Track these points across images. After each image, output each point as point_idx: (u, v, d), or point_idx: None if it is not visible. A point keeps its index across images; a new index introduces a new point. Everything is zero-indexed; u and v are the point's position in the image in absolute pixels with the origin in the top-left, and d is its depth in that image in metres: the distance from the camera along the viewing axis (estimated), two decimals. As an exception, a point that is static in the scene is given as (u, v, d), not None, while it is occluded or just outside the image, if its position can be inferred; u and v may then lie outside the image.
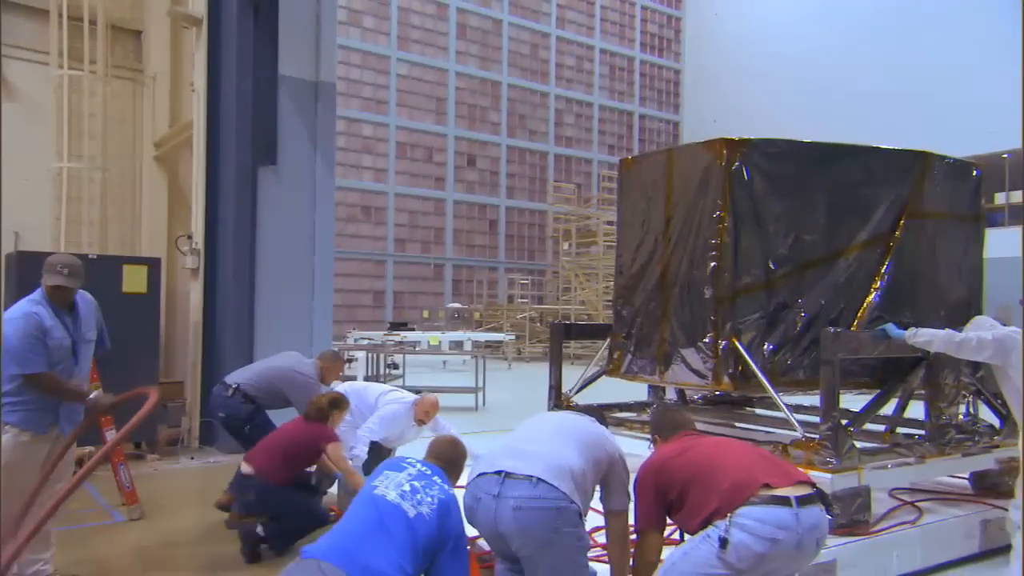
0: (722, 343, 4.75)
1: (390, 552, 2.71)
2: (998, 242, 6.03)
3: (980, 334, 4.24)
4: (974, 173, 5.70)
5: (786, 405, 4.69)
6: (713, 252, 4.81)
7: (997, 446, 5.12)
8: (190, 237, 8.18)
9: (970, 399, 5.31)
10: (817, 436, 4.40)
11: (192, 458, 7.41)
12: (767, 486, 2.79)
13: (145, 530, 5.14)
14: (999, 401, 5.04)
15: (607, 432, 3.45)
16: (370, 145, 30.73)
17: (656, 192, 5.36)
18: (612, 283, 25.56)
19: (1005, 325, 4.51)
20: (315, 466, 4.89)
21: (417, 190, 31.76)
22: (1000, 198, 24.65)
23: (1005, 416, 5.16)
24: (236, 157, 7.80)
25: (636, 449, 5.25)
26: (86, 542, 4.83)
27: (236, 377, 5.51)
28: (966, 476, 5.33)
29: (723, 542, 2.76)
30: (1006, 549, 4.60)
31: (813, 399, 5.16)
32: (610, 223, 27.03)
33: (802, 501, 2.78)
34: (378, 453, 5.32)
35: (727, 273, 4.77)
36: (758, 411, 6.42)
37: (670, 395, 6.69)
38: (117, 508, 5.47)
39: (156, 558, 4.66)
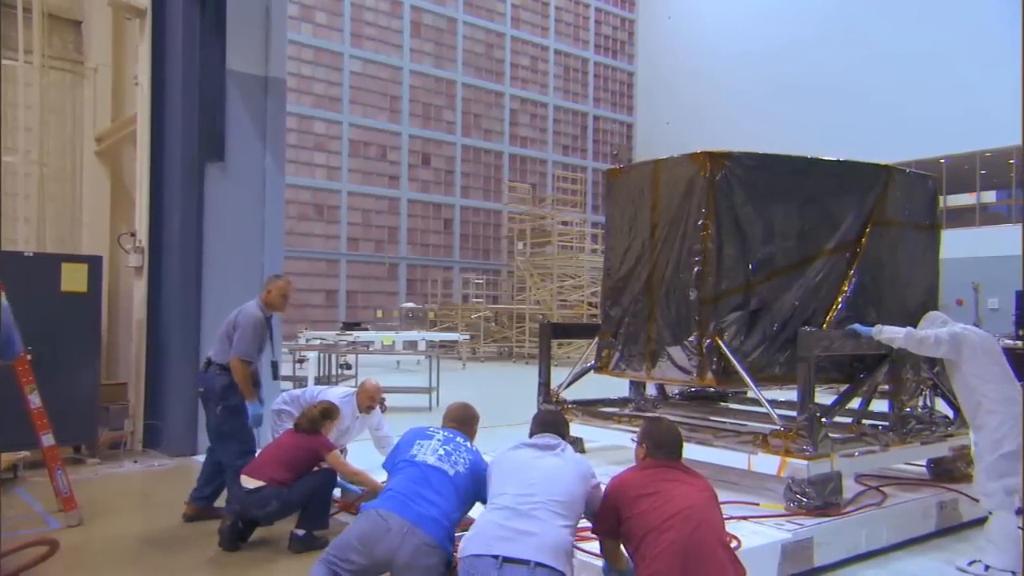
0: (706, 341, 5.10)
1: (437, 501, 3.44)
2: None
3: (937, 332, 4.67)
4: (930, 184, 6.17)
5: (765, 399, 5.09)
6: (697, 257, 5.18)
7: (951, 435, 5.63)
8: (133, 235, 7.95)
9: (928, 393, 5.72)
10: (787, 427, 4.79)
11: (136, 461, 7.19)
12: None
13: (83, 537, 4.96)
14: (953, 394, 5.37)
15: (582, 469, 3.42)
16: (322, 142, 30.34)
17: (643, 200, 5.72)
18: (566, 283, 25.71)
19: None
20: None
21: (370, 188, 31.46)
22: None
23: (958, 408, 5.47)
24: (182, 153, 7.60)
25: (619, 440, 5.76)
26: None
27: (210, 351, 5.48)
28: (923, 464, 5.81)
29: None
30: (959, 528, 5.22)
31: (783, 394, 5.56)
32: (564, 223, 27.23)
33: None
34: None
35: (710, 276, 5.13)
36: (731, 405, 6.87)
37: (651, 391, 7.00)
38: (53, 515, 5.27)
39: (93, 565, 4.51)
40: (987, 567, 4.26)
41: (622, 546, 3.32)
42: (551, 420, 3.84)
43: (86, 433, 7.05)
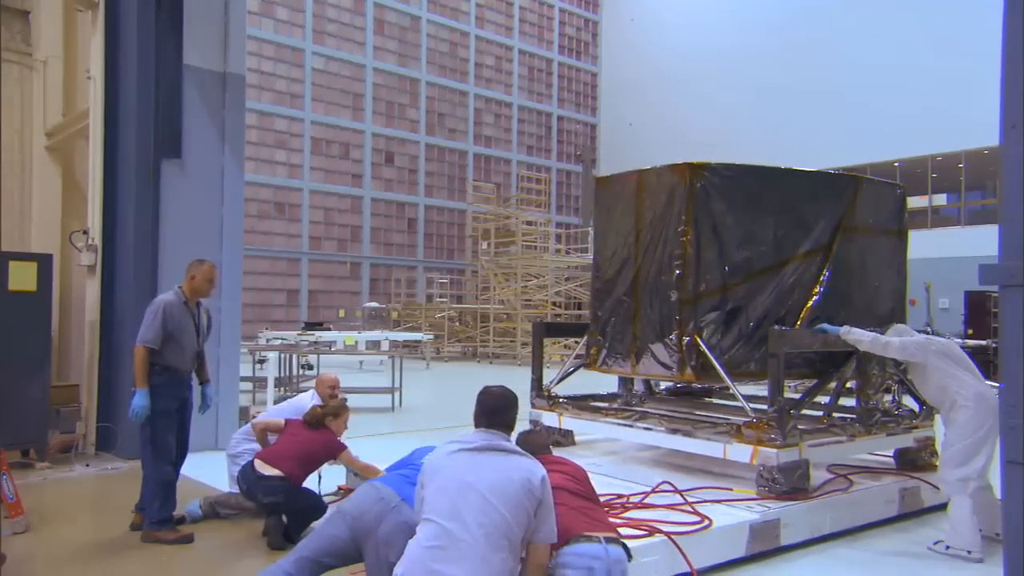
0: (686, 339, 5.49)
1: None
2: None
3: (903, 339, 5.12)
4: (898, 192, 6.59)
5: (739, 393, 5.52)
6: (678, 261, 5.55)
7: (916, 427, 6.05)
8: (86, 232, 7.73)
9: (895, 388, 6.15)
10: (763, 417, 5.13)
11: (88, 465, 7.00)
12: (581, 535, 3.28)
13: (30, 544, 4.81)
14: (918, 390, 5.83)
15: (527, 478, 3.03)
16: (284, 140, 29.91)
17: (628, 208, 6.08)
18: (530, 283, 25.77)
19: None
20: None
21: (333, 187, 31.12)
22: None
23: (924, 402, 5.97)
24: (137, 149, 7.43)
25: (613, 434, 6.27)
26: (-37, 559, 4.47)
27: None
28: (890, 454, 6.24)
29: None
30: (920, 513, 5.62)
31: (762, 389, 5.76)
32: (529, 223, 27.28)
33: (608, 539, 3.28)
34: None
35: (690, 279, 5.50)
36: (714, 400, 7.32)
37: (638, 387, 7.30)
38: (-1, 522, 5.09)
39: (38, 574, 4.37)
40: (947, 547, 4.71)
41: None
42: (496, 408, 3.25)
43: (35, 436, 6.83)
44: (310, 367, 14.35)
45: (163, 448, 4.91)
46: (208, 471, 6.23)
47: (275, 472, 4.74)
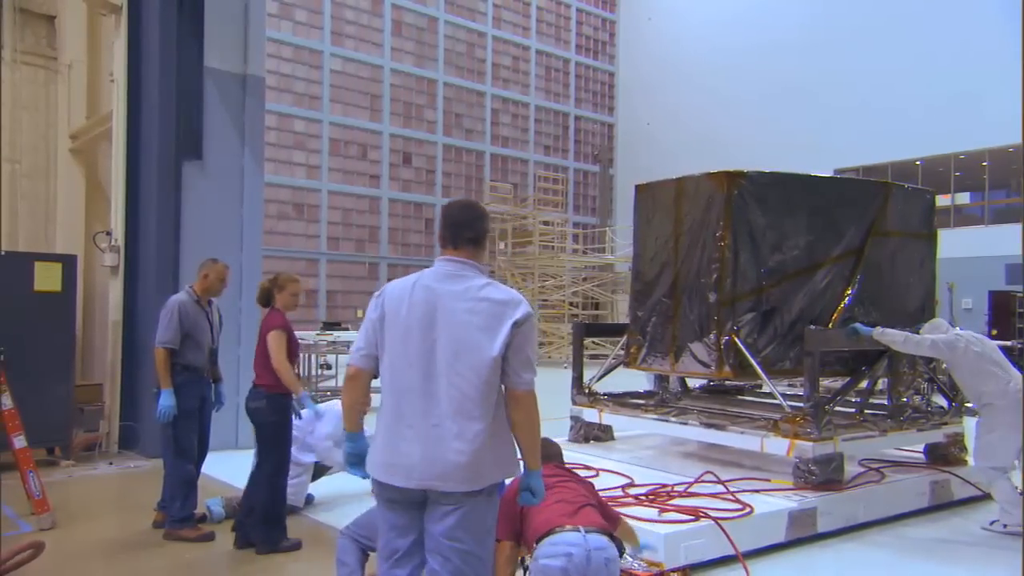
0: (724, 339, 5.72)
1: None
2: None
3: (933, 337, 5.37)
4: (927, 197, 6.83)
5: (776, 390, 5.77)
6: (716, 264, 5.79)
7: (945, 423, 6.27)
8: (109, 233, 7.85)
9: (925, 385, 6.37)
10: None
11: (111, 463, 7.10)
12: (561, 526, 3.26)
13: (56, 540, 4.87)
14: (948, 386, 6.26)
15: (497, 319, 2.57)
16: (302, 141, 30.11)
17: (667, 213, 6.35)
18: (547, 283, 25.68)
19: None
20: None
21: (351, 188, 31.28)
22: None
23: (952, 398, 6.31)
24: (159, 151, 7.52)
25: (651, 429, 6.54)
26: (-9, 554, 4.55)
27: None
28: (921, 450, 6.45)
29: (525, 570, 3.25)
30: (949, 505, 5.85)
31: (794, 390, 6.10)
32: (546, 223, 27.25)
33: (588, 529, 3.25)
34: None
35: (728, 281, 5.73)
36: (747, 397, 7.53)
37: (673, 384, 7.49)
38: (25, 518, 5.18)
39: (64, 569, 4.44)
40: (1004, 525, 5.09)
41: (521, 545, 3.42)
42: (459, 221, 2.77)
43: (60, 435, 6.95)
44: (328, 367, 14.43)
45: (185, 447, 4.97)
46: (228, 470, 6.29)
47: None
